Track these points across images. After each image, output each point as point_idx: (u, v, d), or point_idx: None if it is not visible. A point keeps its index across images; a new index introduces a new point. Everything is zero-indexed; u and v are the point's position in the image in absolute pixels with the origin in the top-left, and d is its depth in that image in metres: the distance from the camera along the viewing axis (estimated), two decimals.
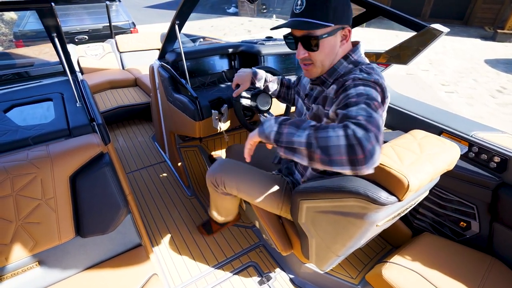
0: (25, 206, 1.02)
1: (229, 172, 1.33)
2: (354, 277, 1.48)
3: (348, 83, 0.87)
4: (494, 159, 1.23)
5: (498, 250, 1.29)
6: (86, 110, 1.36)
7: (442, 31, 1.33)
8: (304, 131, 0.77)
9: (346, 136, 0.70)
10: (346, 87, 0.86)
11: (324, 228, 1.05)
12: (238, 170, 1.33)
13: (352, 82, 0.86)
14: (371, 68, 0.92)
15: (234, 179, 1.31)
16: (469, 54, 6.92)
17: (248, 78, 1.44)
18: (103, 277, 1.18)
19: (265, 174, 1.32)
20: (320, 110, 1.03)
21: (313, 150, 0.74)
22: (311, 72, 1.02)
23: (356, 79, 0.86)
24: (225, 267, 1.62)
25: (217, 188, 1.38)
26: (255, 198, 1.28)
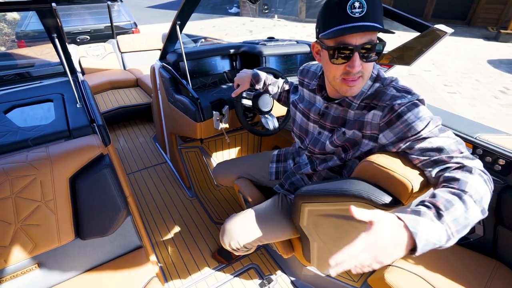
0: (24, 208, 1.01)
1: (239, 232, 1.22)
2: (356, 280, 1.47)
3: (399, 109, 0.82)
4: (499, 162, 1.21)
5: (503, 254, 1.28)
6: (86, 111, 1.35)
7: (446, 31, 1.32)
8: (472, 209, 0.65)
9: (485, 183, 0.69)
10: (399, 114, 0.82)
11: (326, 232, 1.03)
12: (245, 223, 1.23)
13: (402, 107, 0.82)
14: (403, 87, 0.87)
15: (247, 235, 1.21)
16: (472, 55, 6.89)
17: (247, 79, 1.42)
18: (103, 280, 1.17)
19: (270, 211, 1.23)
20: (356, 134, 0.96)
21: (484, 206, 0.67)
22: (358, 87, 0.88)
23: (404, 104, 0.82)
24: (226, 269, 1.61)
25: (239, 251, 1.27)
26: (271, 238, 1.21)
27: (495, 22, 8.37)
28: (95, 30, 4.12)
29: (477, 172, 0.69)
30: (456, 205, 0.64)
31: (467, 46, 7.44)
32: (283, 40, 2.01)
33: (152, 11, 12.62)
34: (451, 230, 0.63)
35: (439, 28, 1.32)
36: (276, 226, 1.21)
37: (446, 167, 0.75)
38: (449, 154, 0.75)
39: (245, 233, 1.21)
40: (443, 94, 5.10)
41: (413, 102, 0.82)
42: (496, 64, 6.34)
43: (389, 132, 0.86)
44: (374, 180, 0.86)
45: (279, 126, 1.65)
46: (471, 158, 0.73)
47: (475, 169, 0.70)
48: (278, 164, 1.42)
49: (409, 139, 0.81)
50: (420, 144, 0.79)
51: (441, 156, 0.76)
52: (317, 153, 1.12)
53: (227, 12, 12.05)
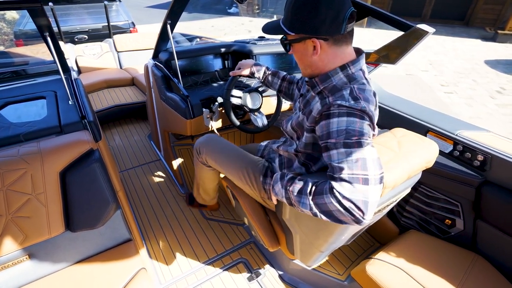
0: (15, 201, 1.05)
1: (212, 144, 1.49)
2: (341, 273, 1.50)
3: (332, 110, 0.86)
4: (478, 158, 1.25)
5: (481, 247, 1.31)
6: (78, 108, 1.38)
7: (428, 31, 1.35)
8: (307, 198, 0.86)
9: (338, 202, 0.77)
10: (329, 114, 0.86)
11: (306, 224, 1.07)
12: (221, 144, 1.48)
13: (337, 110, 0.85)
14: (362, 91, 0.88)
15: (215, 151, 1.46)
16: (469, 55, 6.92)
17: (249, 65, 1.50)
18: (92, 271, 1.21)
19: (246, 154, 1.40)
20: (304, 122, 1.03)
21: (319, 215, 0.84)
22: (302, 71, 1.04)
23: (341, 107, 0.85)
24: (216, 263, 1.64)
25: (199, 156, 1.54)
26: (231, 173, 1.38)
27: (493, 22, 8.40)
28: (93, 29, 4.16)
29: (331, 191, 0.80)
30: (300, 190, 0.89)
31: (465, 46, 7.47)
32: (274, 39, 2.05)
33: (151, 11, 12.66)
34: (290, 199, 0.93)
35: (421, 28, 1.35)
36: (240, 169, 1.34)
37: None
38: (332, 169, 0.83)
39: (215, 147, 1.46)
40: (440, 94, 5.13)
41: (350, 110, 0.84)
42: (493, 64, 6.37)
43: (318, 128, 0.91)
44: None
45: (268, 123, 1.68)
46: (345, 179, 0.78)
47: (332, 188, 0.80)
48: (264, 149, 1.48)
49: (321, 141, 0.89)
50: (324, 152, 0.88)
51: (329, 165, 0.85)
52: (285, 131, 1.21)
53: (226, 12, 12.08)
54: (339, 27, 0.86)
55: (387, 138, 0.99)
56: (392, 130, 1.06)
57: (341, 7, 0.84)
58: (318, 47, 0.90)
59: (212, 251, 1.71)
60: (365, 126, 0.83)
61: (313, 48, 0.91)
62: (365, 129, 0.83)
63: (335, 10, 0.84)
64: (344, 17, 0.85)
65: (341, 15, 0.84)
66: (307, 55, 0.94)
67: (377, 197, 0.78)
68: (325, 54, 0.92)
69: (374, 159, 0.80)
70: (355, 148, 0.80)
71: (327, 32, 0.87)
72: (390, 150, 0.92)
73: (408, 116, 1.49)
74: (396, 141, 0.97)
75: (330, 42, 0.89)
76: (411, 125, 1.47)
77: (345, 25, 0.86)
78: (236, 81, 1.54)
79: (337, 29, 0.87)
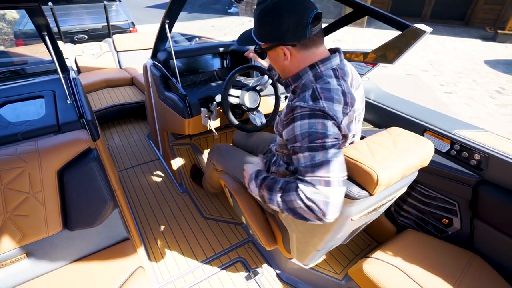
0: (13, 199, 1.05)
1: (222, 153, 1.61)
2: (338, 272, 1.50)
3: (295, 114, 0.89)
4: (475, 157, 1.25)
5: (478, 246, 1.31)
6: (76, 107, 1.39)
7: (426, 30, 1.35)
8: (275, 195, 0.93)
9: (301, 200, 0.83)
10: (294, 118, 0.90)
11: (302, 223, 1.07)
12: (229, 153, 1.59)
13: (299, 113, 0.88)
14: (325, 90, 0.88)
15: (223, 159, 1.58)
16: (469, 55, 6.91)
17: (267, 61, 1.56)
18: (90, 269, 1.21)
19: (249, 159, 1.45)
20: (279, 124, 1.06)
21: (286, 212, 0.90)
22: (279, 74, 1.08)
23: (302, 108, 0.88)
24: (214, 262, 1.65)
25: (210, 162, 1.70)
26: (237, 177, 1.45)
27: (493, 22, 8.39)
28: (93, 29, 4.16)
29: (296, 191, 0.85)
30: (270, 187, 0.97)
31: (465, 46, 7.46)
32: None
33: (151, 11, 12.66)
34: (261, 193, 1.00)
35: (419, 27, 1.35)
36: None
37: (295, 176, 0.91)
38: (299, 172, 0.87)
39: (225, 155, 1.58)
40: (439, 94, 5.13)
41: (310, 112, 0.86)
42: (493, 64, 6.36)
43: (285, 133, 0.95)
44: None
45: (266, 122, 1.68)
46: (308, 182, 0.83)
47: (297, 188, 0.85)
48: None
49: (289, 145, 0.93)
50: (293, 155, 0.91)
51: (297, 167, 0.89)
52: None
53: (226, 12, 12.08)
54: (303, 32, 0.88)
55: (383, 137, 0.99)
56: (388, 129, 1.06)
57: (302, 12, 0.86)
58: (287, 53, 0.93)
59: (210, 250, 1.71)
60: (329, 127, 0.85)
61: (283, 54, 0.95)
62: (329, 130, 0.85)
63: (297, 16, 0.86)
64: (307, 22, 0.86)
65: (303, 20, 0.86)
66: (279, 60, 0.98)
67: (339, 198, 0.82)
68: (295, 58, 0.95)
69: (338, 161, 0.83)
70: (319, 151, 0.83)
71: (293, 38, 0.90)
72: (385, 149, 0.92)
73: (406, 115, 1.50)
74: (391, 140, 0.97)
75: (298, 47, 0.92)
76: (409, 124, 1.47)
77: (309, 29, 0.87)
78: (234, 80, 1.55)
79: (302, 34, 0.89)
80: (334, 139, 0.85)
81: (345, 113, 0.89)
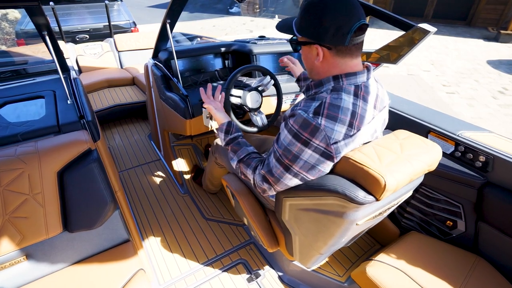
0: (12, 201, 1.04)
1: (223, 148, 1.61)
2: (341, 275, 1.49)
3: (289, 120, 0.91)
4: (480, 159, 1.23)
5: (483, 249, 1.29)
6: (76, 108, 1.38)
7: (430, 30, 1.34)
8: (236, 159, 1.17)
9: (253, 179, 1.09)
10: (286, 123, 0.93)
11: (306, 226, 1.06)
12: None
13: (291, 123, 0.90)
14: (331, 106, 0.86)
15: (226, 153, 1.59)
16: (471, 55, 6.88)
17: (300, 70, 1.54)
18: (90, 272, 1.20)
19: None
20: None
21: (239, 173, 1.20)
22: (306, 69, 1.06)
23: (299, 117, 0.88)
24: (215, 264, 1.63)
25: (213, 156, 1.73)
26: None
27: (496, 22, 8.35)
28: (94, 29, 4.16)
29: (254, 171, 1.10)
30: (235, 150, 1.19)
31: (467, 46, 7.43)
32: (274, 39, 2.04)
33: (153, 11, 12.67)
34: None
35: (423, 27, 1.34)
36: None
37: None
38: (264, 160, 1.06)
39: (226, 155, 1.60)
40: (441, 94, 5.10)
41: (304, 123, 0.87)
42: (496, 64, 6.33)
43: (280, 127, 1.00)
44: (352, 176, 0.88)
45: (268, 122, 1.67)
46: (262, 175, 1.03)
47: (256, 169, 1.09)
48: None
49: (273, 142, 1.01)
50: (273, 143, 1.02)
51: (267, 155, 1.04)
52: None
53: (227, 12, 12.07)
54: (343, 38, 0.85)
55: (389, 140, 0.97)
56: (395, 132, 1.05)
57: (348, 18, 0.82)
58: (320, 54, 0.90)
59: (211, 251, 1.70)
60: (304, 153, 0.89)
61: (316, 54, 0.92)
62: (302, 156, 0.89)
63: (341, 21, 0.82)
64: (350, 29, 0.82)
65: (346, 27, 0.82)
66: (311, 59, 0.95)
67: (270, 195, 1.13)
68: (326, 62, 0.92)
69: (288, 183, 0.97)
70: (280, 166, 0.95)
71: (330, 41, 0.87)
72: (392, 153, 0.90)
73: (409, 117, 1.48)
74: (398, 143, 0.95)
75: (333, 52, 0.89)
76: (412, 125, 1.45)
77: (349, 37, 0.84)
78: (236, 80, 1.53)
79: (340, 40, 0.85)
80: (303, 166, 0.91)
81: (348, 135, 0.88)
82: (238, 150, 1.16)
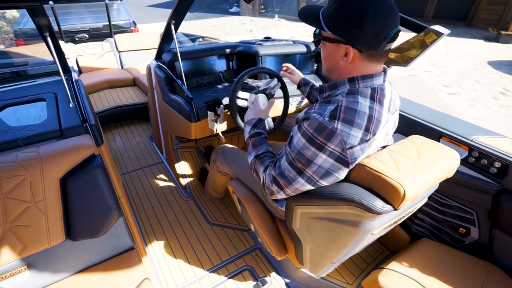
0: (13, 209, 1.00)
1: (225, 154, 1.61)
2: (350, 283, 1.45)
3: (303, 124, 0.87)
4: (495, 164, 1.20)
5: (498, 257, 1.26)
6: (79, 111, 1.34)
7: (443, 32, 1.30)
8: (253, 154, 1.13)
9: (263, 178, 1.04)
10: (299, 126, 0.89)
11: (318, 235, 1.02)
12: (234, 154, 1.59)
13: (305, 127, 0.86)
14: (348, 110, 0.83)
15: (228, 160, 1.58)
16: (472, 55, 6.87)
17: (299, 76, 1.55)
18: (94, 281, 1.16)
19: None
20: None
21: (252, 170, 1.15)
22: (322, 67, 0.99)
23: (314, 120, 0.84)
24: (220, 270, 1.60)
25: (214, 164, 1.70)
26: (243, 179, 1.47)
27: (496, 23, 8.35)
28: (94, 28, 4.11)
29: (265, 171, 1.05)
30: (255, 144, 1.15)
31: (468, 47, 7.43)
32: (280, 40, 2.00)
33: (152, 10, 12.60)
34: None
35: (436, 29, 1.31)
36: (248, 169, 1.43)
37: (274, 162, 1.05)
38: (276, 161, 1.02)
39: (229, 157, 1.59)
40: (442, 95, 5.09)
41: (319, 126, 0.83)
42: (496, 65, 6.33)
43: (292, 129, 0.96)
44: (368, 184, 0.85)
45: (274, 126, 1.63)
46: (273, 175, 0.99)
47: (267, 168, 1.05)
48: None
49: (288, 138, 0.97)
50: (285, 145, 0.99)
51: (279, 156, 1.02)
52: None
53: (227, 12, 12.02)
54: (378, 44, 0.81)
55: (406, 146, 0.94)
56: (409, 137, 1.01)
57: (387, 24, 0.78)
58: (350, 56, 0.85)
59: (216, 257, 1.66)
60: (319, 158, 0.85)
61: (343, 54, 0.86)
62: (316, 160, 0.85)
63: (380, 26, 0.79)
64: (387, 36, 0.79)
65: (384, 33, 0.79)
66: (336, 57, 0.89)
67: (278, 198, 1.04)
68: (353, 64, 0.87)
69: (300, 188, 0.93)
70: (293, 170, 0.91)
71: (365, 45, 0.82)
72: (410, 160, 0.87)
73: (420, 121, 1.45)
74: (415, 149, 0.92)
75: (364, 55, 0.84)
76: (424, 129, 1.42)
77: (384, 44, 0.81)
78: (243, 82, 1.49)
79: (375, 45, 0.82)
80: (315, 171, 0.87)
81: (364, 140, 0.84)
82: (259, 145, 1.13)
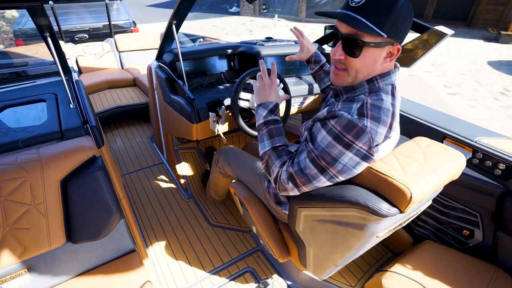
0: (13, 211, 0.99)
1: (229, 156, 1.57)
2: (353, 285, 1.44)
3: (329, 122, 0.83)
4: (499, 166, 1.19)
5: (502, 259, 1.25)
6: (79, 112, 1.32)
7: (447, 33, 1.30)
8: (268, 145, 1.03)
9: (277, 173, 0.96)
10: (325, 124, 0.84)
11: (322, 237, 1.01)
12: (237, 156, 1.55)
13: (332, 124, 0.82)
14: (374, 108, 0.81)
15: (231, 162, 1.54)
16: (472, 56, 6.87)
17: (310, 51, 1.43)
18: (95, 285, 1.15)
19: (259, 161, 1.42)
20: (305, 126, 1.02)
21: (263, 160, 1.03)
22: (341, 79, 0.89)
23: (343, 118, 0.80)
24: (222, 272, 1.59)
25: (216, 166, 1.66)
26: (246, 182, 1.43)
27: (496, 23, 8.34)
28: (94, 28, 4.09)
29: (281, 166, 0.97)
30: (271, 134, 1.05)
31: (468, 47, 7.42)
32: (281, 41, 1.99)
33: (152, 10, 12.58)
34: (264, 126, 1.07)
35: (439, 29, 1.30)
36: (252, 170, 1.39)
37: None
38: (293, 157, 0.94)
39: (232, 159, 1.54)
40: (442, 95, 5.08)
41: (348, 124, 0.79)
42: (496, 65, 6.32)
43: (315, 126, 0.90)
44: (374, 187, 0.84)
45: None
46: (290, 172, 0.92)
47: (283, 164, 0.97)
48: None
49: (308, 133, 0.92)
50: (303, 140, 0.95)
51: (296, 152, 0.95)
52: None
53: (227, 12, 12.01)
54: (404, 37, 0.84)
55: (411, 148, 0.93)
56: (414, 139, 1.00)
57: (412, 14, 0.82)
58: (396, 54, 0.84)
59: (217, 259, 1.65)
60: (345, 156, 0.81)
61: (386, 55, 0.83)
62: (341, 159, 0.82)
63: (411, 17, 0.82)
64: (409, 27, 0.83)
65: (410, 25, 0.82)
66: (377, 61, 0.83)
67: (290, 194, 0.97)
68: (388, 64, 0.87)
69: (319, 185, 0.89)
70: (315, 168, 0.86)
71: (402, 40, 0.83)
72: (416, 162, 0.86)
73: (424, 122, 1.44)
74: (420, 151, 0.91)
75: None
76: (427, 131, 1.41)
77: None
78: (244, 83, 1.48)
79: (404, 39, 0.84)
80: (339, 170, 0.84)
81: (387, 137, 0.84)
82: (276, 136, 1.03)
